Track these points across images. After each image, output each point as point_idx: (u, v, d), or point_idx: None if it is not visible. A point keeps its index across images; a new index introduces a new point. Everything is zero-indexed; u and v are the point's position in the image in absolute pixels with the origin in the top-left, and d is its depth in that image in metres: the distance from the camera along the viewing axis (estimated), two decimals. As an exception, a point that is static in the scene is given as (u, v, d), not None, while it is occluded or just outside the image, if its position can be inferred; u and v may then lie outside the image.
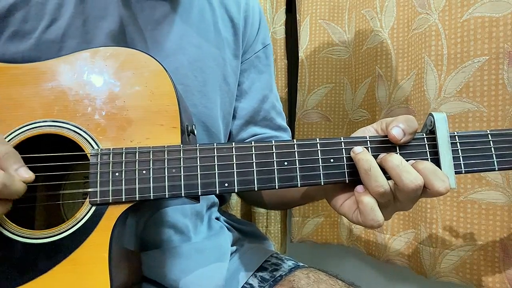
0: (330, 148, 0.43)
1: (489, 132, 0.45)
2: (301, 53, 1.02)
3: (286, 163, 0.42)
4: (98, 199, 0.41)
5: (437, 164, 0.42)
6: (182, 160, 0.42)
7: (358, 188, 0.42)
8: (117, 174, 0.41)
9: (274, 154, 0.42)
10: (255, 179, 0.42)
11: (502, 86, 0.65)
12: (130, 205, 0.41)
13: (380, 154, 0.42)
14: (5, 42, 0.49)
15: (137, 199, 0.41)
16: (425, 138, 0.44)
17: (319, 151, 0.43)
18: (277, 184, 0.42)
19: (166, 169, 0.41)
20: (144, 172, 0.41)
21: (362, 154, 0.42)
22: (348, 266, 1.06)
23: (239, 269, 0.60)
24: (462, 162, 0.43)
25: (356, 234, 0.96)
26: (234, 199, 1.01)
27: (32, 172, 0.38)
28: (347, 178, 0.43)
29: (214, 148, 0.42)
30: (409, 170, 0.40)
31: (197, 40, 0.58)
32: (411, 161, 0.42)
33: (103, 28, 0.51)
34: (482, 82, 0.68)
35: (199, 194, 0.41)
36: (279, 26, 1.05)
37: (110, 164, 0.41)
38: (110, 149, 0.42)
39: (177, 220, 0.57)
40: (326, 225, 1.02)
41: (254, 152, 0.42)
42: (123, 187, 0.41)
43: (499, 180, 0.67)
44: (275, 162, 0.42)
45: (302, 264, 0.64)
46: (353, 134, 0.46)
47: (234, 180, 0.42)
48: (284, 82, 1.05)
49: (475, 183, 0.69)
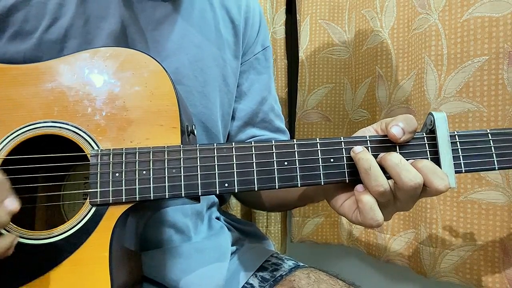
0: (330, 148, 0.43)
1: (489, 131, 0.45)
2: (301, 53, 1.02)
3: (286, 163, 0.42)
4: (98, 200, 0.41)
5: (437, 163, 0.42)
6: (182, 160, 0.42)
7: (358, 187, 0.42)
8: (117, 174, 0.41)
9: (274, 154, 0.42)
10: (255, 179, 0.42)
11: (502, 86, 0.65)
12: (131, 205, 0.41)
13: (380, 154, 0.42)
14: (6, 42, 0.49)
15: (137, 200, 0.41)
16: (425, 137, 0.44)
17: (319, 151, 0.43)
18: (277, 184, 0.42)
19: (166, 169, 0.41)
20: (144, 172, 0.41)
21: (362, 154, 0.42)
22: (348, 266, 1.06)
23: (240, 269, 0.61)
24: (462, 162, 0.43)
25: (356, 234, 0.96)
26: (234, 199, 1.01)
27: (18, 200, 0.36)
28: (347, 178, 0.43)
29: (214, 148, 0.42)
30: (408, 169, 0.40)
31: (198, 40, 0.58)
32: (410, 160, 0.42)
33: (104, 28, 0.51)
34: (482, 82, 0.68)
35: (199, 194, 0.41)
36: (279, 26, 1.05)
37: (110, 164, 0.41)
38: (110, 149, 0.42)
39: (177, 220, 0.57)
40: (326, 225, 1.02)
41: (254, 152, 0.42)
42: (123, 188, 0.41)
43: (499, 180, 0.67)
44: (275, 162, 0.42)
45: (303, 264, 0.64)
46: (353, 135, 0.46)
47: (234, 180, 0.42)
48: (284, 82, 1.05)
49: (475, 183, 0.69)
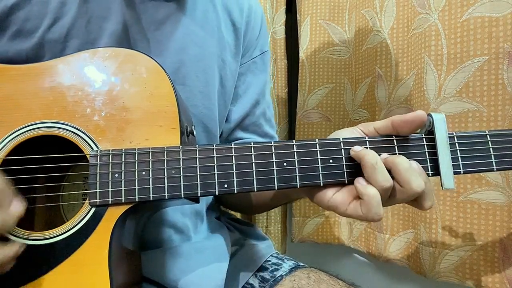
0: (329, 148, 0.43)
1: (487, 132, 0.45)
2: (301, 53, 1.02)
3: (285, 164, 0.42)
4: (98, 200, 0.41)
5: (435, 164, 0.43)
6: (181, 161, 0.42)
7: (360, 180, 0.41)
8: (116, 175, 0.41)
9: (274, 154, 0.42)
10: (255, 180, 0.42)
11: (502, 86, 0.65)
12: (130, 206, 0.41)
13: (381, 154, 0.42)
14: (7, 41, 0.49)
15: (136, 200, 0.41)
16: (423, 138, 0.44)
17: (318, 152, 0.43)
18: (276, 184, 0.42)
19: (165, 170, 0.41)
20: (143, 173, 0.41)
21: (365, 150, 0.41)
22: (348, 266, 1.06)
23: (240, 269, 0.61)
24: (460, 163, 0.43)
25: (356, 234, 0.96)
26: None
27: (23, 202, 0.37)
28: (346, 179, 0.43)
29: (214, 149, 0.42)
30: (416, 174, 0.40)
31: (200, 40, 0.58)
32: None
33: (107, 28, 0.51)
34: (482, 82, 0.68)
35: (199, 195, 0.41)
36: (279, 26, 1.05)
37: (110, 165, 0.41)
38: (109, 150, 0.42)
39: (177, 219, 0.57)
40: (326, 225, 1.02)
41: (253, 153, 0.42)
42: (123, 188, 0.41)
43: (499, 180, 0.67)
44: (275, 162, 0.42)
45: (303, 264, 0.64)
46: (331, 136, 0.45)
47: (234, 181, 0.42)
48: (284, 82, 1.05)
49: (475, 183, 0.69)
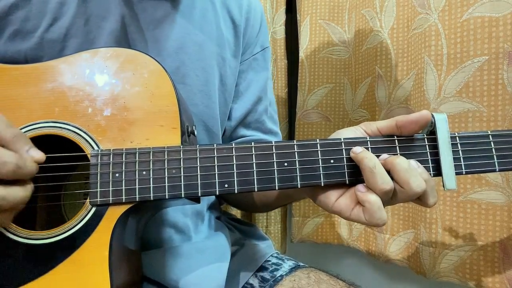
0: (330, 148, 0.43)
1: (490, 132, 0.44)
2: (301, 53, 1.02)
3: (286, 164, 0.42)
4: (98, 200, 0.41)
5: (437, 165, 0.43)
6: (182, 160, 0.42)
7: (360, 187, 0.41)
8: (117, 175, 0.41)
9: (274, 154, 0.42)
10: (255, 180, 0.42)
11: (502, 86, 0.65)
12: (131, 205, 0.41)
13: (381, 155, 0.42)
14: (6, 41, 0.49)
15: (137, 200, 0.41)
16: (425, 138, 0.44)
17: (319, 152, 0.43)
18: (277, 184, 0.42)
19: (166, 169, 0.41)
20: (144, 172, 0.41)
21: (364, 153, 0.41)
22: (348, 266, 1.06)
23: (240, 269, 0.61)
24: (462, 163, 0.43)
25: (356, 234, 0.96)
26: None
27: (41, 152, 0.38)
28: (347, 179, 0.43)
29: (214, 148, 0.42)
30: (416, 175, 0.40)
31: (199, 39, 0.58)
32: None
33: (105, 28, 0.51)
34: (482, 82, 0.68)
35: (199, 195, 0.41)
36: (279, 26, 1.05)
37: (110, 164, 0.41)
38: (110, 150, 0.42)
39: (177, 219, 0.57)
40: (326, 225, 1.02)
41: (254, 152, 0.42)
42: (123, 188, 0.41)
43: (499, 180, 0.67)
44: (275, 162, 0.42)
45: (303, 264, 0.64)
46: (332, 136, 0.45)
47: (234, 180, 0.42)
48: (284, 82, 1.05)
49: (475, 183, 0.69)
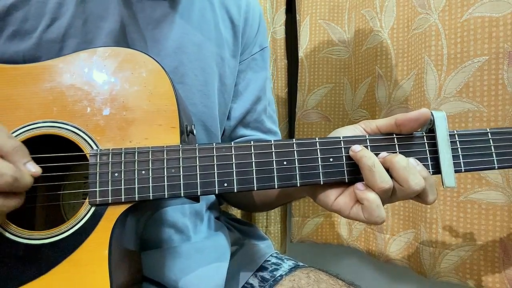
0: (329, 147, 0.43)
1: (489, 130, 0.44)
2: (301, 53, 1.02)
3: (285, 163, 0.42)
4: (98, 200, 0.41)
5: (436, 162, 0.43)
6: (181, 160, 0.42)
7: (359, 185, 0.41)
8: (116, 174, 0.41)
9: (273, 153, 0.42)
10: (254, 179, 0.42)
11: (502, 86, 0.65)
12: (130, 205, 0.41)
13: (380, 153, 0.42)
14: (5, 42, 0.49)
15: (136, 199, 0.41)
16: (424, 136, 0.44)
17: (318, 150, 0.43)
18: (276, 183, 0.42)
19: (165, 169, 0.41)
20: (143, 172, 0.41)
21: (363, 152, 0.41)
22: (348, 266, 1.06)
23: (239, 269, 0.60)
24: (461, 161, 0.43)
25: (356, 234, 0.96)
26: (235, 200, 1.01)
27: (38, 166, 0.39)
28: (347, 177, 0.43)
29: (213, 148, 0.42)
30: (415, 173, 0.40)
31: (198, 39, 0.58)
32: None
33: (104, 28, 0.51)
34: (482, 82, 0.68)
35: (199, 194, 0.41)
36: (279, 26, 1.05)
37: (109, 164, 0.41)
38: (109, 149, 0.42)
39: (177, 219, 0.57)
40: (326, 225, 1.02)
41: (253, 151, 0.42)
42: (122, 187, 0.41)
43: (499, 180, 0.67)
44: (274, 161, 0.42)
45: (302, 264, 0.64)
46: (331, 134, 0.45)
47: (234, 179, 0.42)
48: (284, 82, 1.05)
49: (475, 183, 0.69)
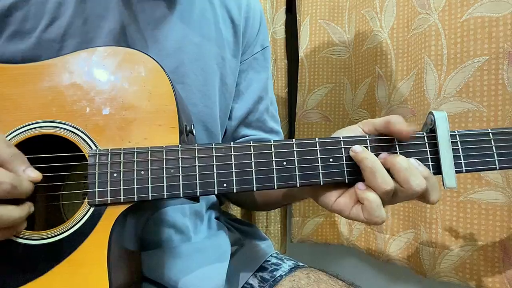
0: (329, 147, 0.43)
1: (490, 131, 0.44)
2: (301, 53, 1.02)
3: (285, 163, 0.42)
4: (97, 200, 0.40)
5: (437, 163, 0.42)
6: (180, 160, 0.41)
7: (360, 185, 0.41)
8: (115, 174, 0.41)
9: (273, 154, 0.42)
10: (254, 179, 0.42)
11: (502, 86, 0.65)
12: (129, 205, 0.41)
13: (381, 154, 0.42)
14: (4, 42, 0.49)
15: (135, 200, 0.41)
16: (425, 136, 0.43)
17: (318, 151, 0.43)
18: (276, 184, 0.42)
19: (164, 169, 0.41)
20: (142, 172, 0.41)
21: (364, 153, 0.41)
22: (348, 266, 1.06)
23: (239, 269, 0.60)
24: (462, 161, 0.43)
25: (356, 234, 0.96)
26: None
27: (38, 172, 0.39)
28: (347, 178, 0.42)
29: (213, 148, 0.42)
30: (416, 174, 0.40)
31: (198, 39, 0.58)
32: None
33: (104, 27, 0.51)
34: (482, 82, 0.67)
35: (198, 194, 0.41)
36: (279, 26, 1.05)
37: (108, 164, 0.41)
38: (108, 149, 0.42)
39: (176, 219, 0.56)
40: (326, 225, 1.02)
41: (252, 152, 0.42)
42: (122, 188, 0.41)
43: (499, 180, 0.66)
44: (274, 162, 0.42)
45: (302, 264, 0.63)
46: (334, 134, 0.45)
47: (233, 180, 0.41)
48: (284, 82, 1.05)
49: (475, 183, 0.69)
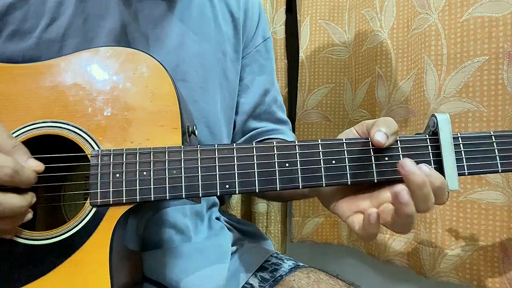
0: (331, 149, 0.43)
1: (492, 133, 0.44)
2: (301, 53, 1.02)
3: (287, 164, 0.42)
4: (99, 200, 0.40)
5: (440, 165, 0.42)
6: (182, 161, 0.41)
7: (405, 197, 0.36)
8: (117, 175, 0.41)
9: (276, 155, 0.42)
10: (256, 180, 0.41)
11: (502, 86, 0.65)
12: (131, 206, 0.41)
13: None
14: (4, 41, 0.49)
15: (137, 201, 0.41)
16: (428, 139, 0.43)
17: (321, 153, 0.42)
18: (278, 185, 0.42)
19: (166, 170, 0.41)
20: (144, 173, 0.41)
21: (422, 175, 0.37)
22: (348, 266, 1.06)
23: (240, 269, 0.60)
24: (465, 164, 0.43)
25: (356, 234, 0.96)
26: (235, 199, 1.01)
27: (40, 162, 0.39)
28: (349, 180, 0.42)
29: (215, 149, 0.42)
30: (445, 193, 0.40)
31: (197, 36, 0.58)
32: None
33: (104, 27, 0.51)
34: (482, 82, 0.68)
35: (200, 195, 0.41)
36: (279, 26, 1.05)
37: (111, 165, 0.41)
38: (110, 150, 0.41)
39: (177, 220, 0.56)
40: (326, 225, 1.02)
41: (255, 153, 0.42)
42: (124, 188, 0.41)
43: (499, 180, 0.67)
44: (276, 163, 0.42)
45: (302, 264, 0.64)
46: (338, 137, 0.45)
47: (235, 181, 0.41)
48: (284, 82, 1.05)
49: (475, 183, 0.69)
